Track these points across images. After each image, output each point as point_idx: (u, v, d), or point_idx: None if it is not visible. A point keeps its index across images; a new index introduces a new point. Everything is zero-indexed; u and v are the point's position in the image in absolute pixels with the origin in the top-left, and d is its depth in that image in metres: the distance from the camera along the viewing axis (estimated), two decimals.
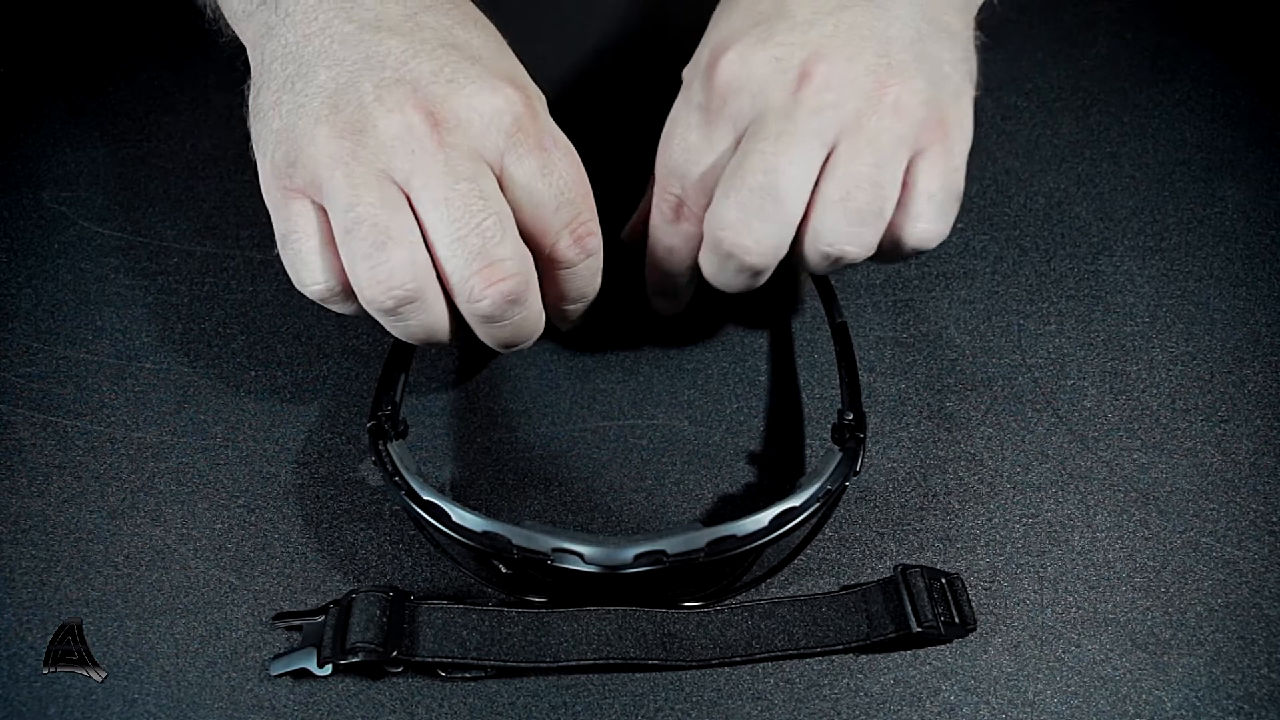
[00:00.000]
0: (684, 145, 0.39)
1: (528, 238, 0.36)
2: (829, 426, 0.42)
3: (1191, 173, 0.52)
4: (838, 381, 0.43)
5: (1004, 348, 0.46)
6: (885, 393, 0.45)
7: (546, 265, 0.37)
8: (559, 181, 0.35)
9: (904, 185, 0.36)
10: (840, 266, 0.37)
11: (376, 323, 0.35)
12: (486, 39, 0.37)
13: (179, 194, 0.51)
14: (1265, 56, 0.57)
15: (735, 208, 0.35)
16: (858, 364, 0.42)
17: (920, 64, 0.35)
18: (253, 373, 0.45)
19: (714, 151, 0.38)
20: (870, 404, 0.44)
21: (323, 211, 0.34)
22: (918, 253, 0.38)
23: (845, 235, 0.35)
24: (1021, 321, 0.47)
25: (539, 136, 0.35)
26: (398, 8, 0.36)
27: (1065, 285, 0.48)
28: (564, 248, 0.36)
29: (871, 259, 0.38)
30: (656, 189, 0.40)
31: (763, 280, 0.38)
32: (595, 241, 0.37)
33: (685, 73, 0.40)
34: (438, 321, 0.35)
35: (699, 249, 0.39)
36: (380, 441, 0.39)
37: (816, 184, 0.35)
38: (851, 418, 0.40)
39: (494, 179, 0.34)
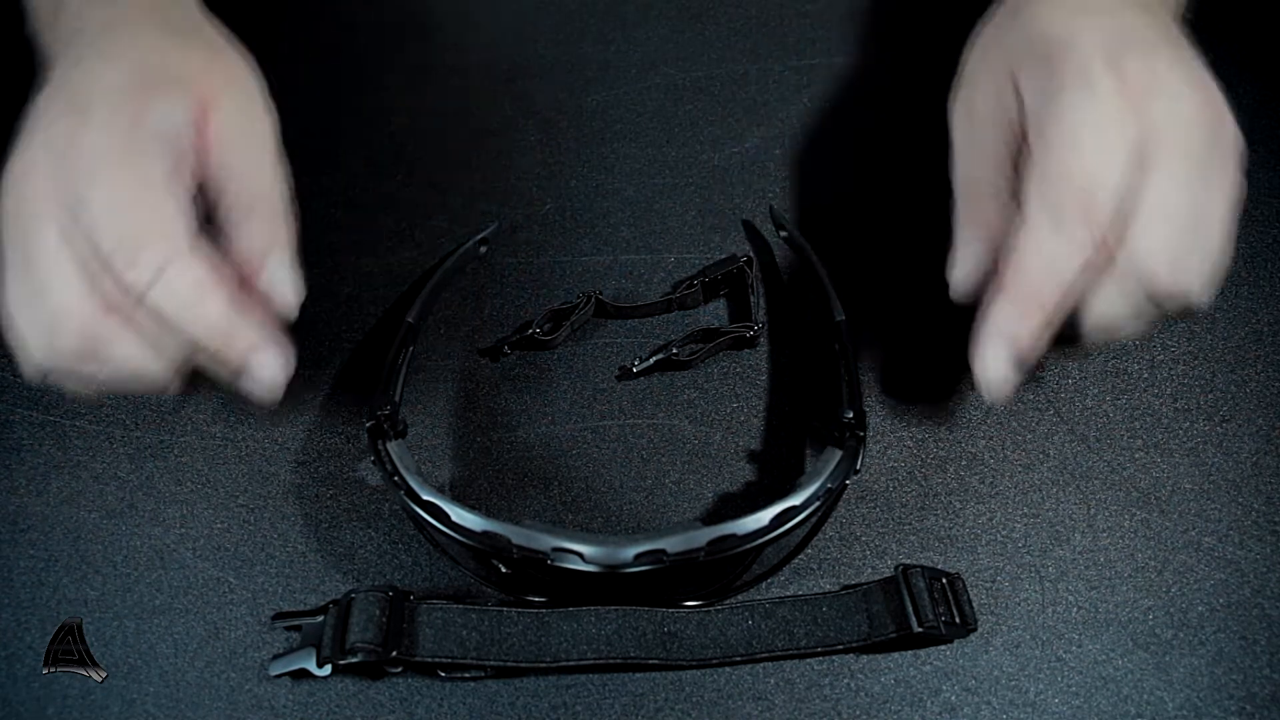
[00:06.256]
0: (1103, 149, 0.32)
1: None
2: (829, 426, 0.42)
3: None
4: (838, 381, 0.43)
5: None
6: (885, 392, 0.45)
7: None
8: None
9: None
10: None
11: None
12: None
13: None
14: (1265, 56, 0.57)
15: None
16: (857, 363, 0.42)
17: None
18: None
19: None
20: (870, 403, 0.44)
21: None
22: None
23: None
24: None
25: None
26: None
27: None
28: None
29: None
30: (1055, 209, 0.33)
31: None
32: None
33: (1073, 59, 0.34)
34: None
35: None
36: (380, 441, 0.39)
37: None
38: (851, 416, 0.40)
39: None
